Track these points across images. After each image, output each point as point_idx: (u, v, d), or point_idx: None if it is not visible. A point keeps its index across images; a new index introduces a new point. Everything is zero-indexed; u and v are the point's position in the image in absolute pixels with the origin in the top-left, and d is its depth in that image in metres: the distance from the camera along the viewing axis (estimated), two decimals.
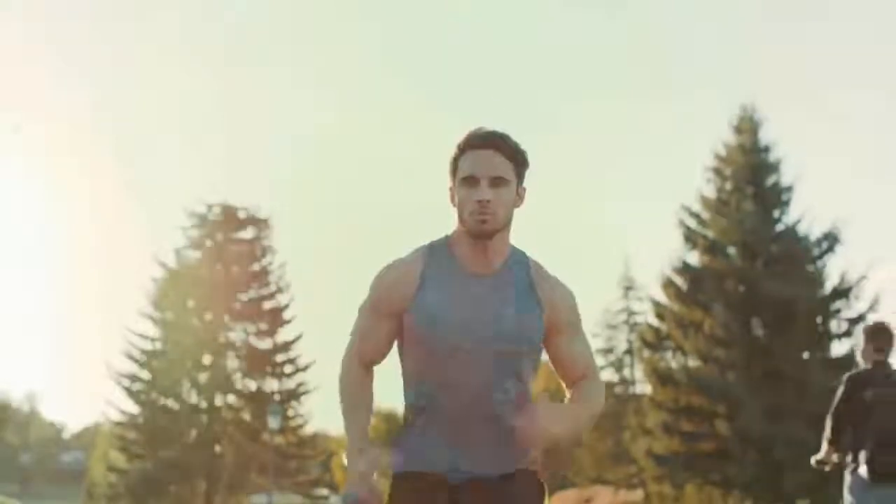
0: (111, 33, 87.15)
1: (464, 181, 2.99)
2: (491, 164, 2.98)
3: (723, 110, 68.64)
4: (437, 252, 3.08)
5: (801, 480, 26.91)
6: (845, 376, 6.40)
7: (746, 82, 66.09)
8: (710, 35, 79.55)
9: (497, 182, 2.98)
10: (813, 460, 6.43)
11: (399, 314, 3.05)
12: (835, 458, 6.30)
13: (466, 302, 3.00)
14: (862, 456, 6.09)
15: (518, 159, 3.03)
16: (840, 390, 6.34)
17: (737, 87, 73.09)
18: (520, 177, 3.05)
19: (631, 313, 42.90)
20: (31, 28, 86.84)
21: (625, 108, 77.82)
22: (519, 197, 3.06)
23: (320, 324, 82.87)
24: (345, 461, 3.04)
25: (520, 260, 3.09)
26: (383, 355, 3.16)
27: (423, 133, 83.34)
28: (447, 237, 3.10)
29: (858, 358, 6.71)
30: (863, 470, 6.09)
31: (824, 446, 6.30)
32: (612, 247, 74.53)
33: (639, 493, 36.79)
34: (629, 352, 42.16)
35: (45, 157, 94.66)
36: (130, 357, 37.27)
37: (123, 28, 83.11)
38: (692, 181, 38.86)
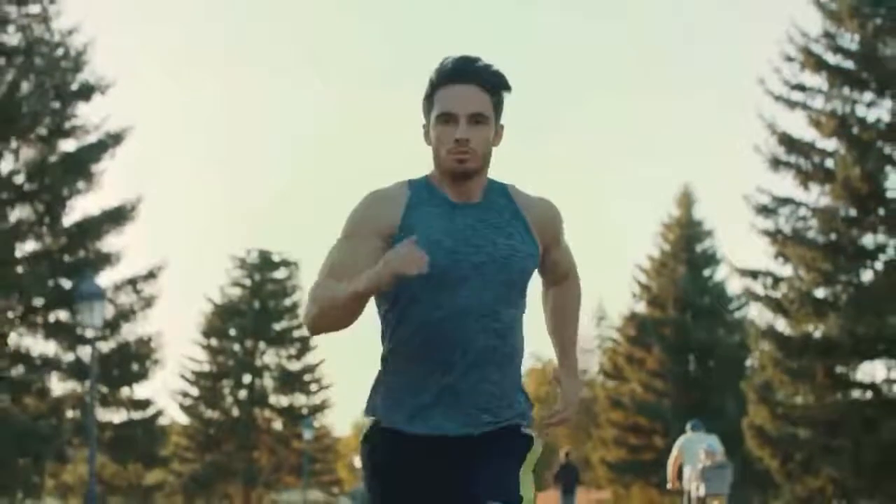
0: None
1: (439, 119, 2.93)
2: (469, 99, 2.92)
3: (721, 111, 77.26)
4: (417, 185, 3.03)
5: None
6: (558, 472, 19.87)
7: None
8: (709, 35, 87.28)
9: (475, 119, 2.92)
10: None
11: (385, 238, 2.95)
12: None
13: (456, 230, 2.95)
14: (561, 488, 19.40)
15: (498, 91, 2.98)
16: (557, 470, 19.87)
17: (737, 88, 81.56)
18: (498, 111, 2.99)
19: (603, 339, 53.64)
20: None
21: (623, 109, 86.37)
22: (497, 135, 3.00)
23: (341, 350, 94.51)
24: (353, 289, 2.81)
25: (498, 188, 3.07)
26: None
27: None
28: (425, 176, 3.05)
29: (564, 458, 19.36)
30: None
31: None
32: (590, 274, 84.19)
33: (605, 493, 47.53)
34: (599, 373, 52.92)
35: None
36: (182, 377, 47.39)
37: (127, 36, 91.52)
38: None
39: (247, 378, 47.09)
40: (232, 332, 47.39)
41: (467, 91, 2.93)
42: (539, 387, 63.71)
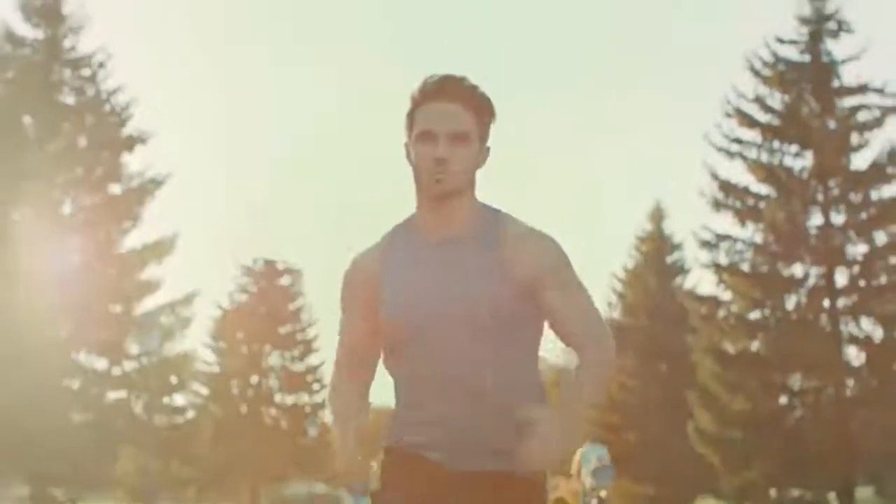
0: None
1: (420, 137, 2.90)
2: (450, 118, 2.88)
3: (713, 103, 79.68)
4: (399, 230, 3.02)
5: (688, 474, 43.06)
6: None
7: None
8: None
9: (457, 138, 2.88)
10: None
11: (374, 300, 3.00)
12: None
13: (424, 276, 2.93)
14: None
15: (482, 112, 2.94)
16: None
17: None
18: (483, 131, 2.95)
19: None
20: None
21: (613, 110, 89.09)
22: (482, 156, 2.96)
23: None
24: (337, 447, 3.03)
25: (489, 220, 2.98)
26: (367, 363, 3.10)
27: None
28: (412, 214, 3.02)
29: None
30: None
31: None
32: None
33: None
34: None
35: None
36: (194, 378, 52.05)
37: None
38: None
39: (254, 379, 50.70)
40: (239, 335, 50.70)
41: (449, 109, 2.90)
42: None
